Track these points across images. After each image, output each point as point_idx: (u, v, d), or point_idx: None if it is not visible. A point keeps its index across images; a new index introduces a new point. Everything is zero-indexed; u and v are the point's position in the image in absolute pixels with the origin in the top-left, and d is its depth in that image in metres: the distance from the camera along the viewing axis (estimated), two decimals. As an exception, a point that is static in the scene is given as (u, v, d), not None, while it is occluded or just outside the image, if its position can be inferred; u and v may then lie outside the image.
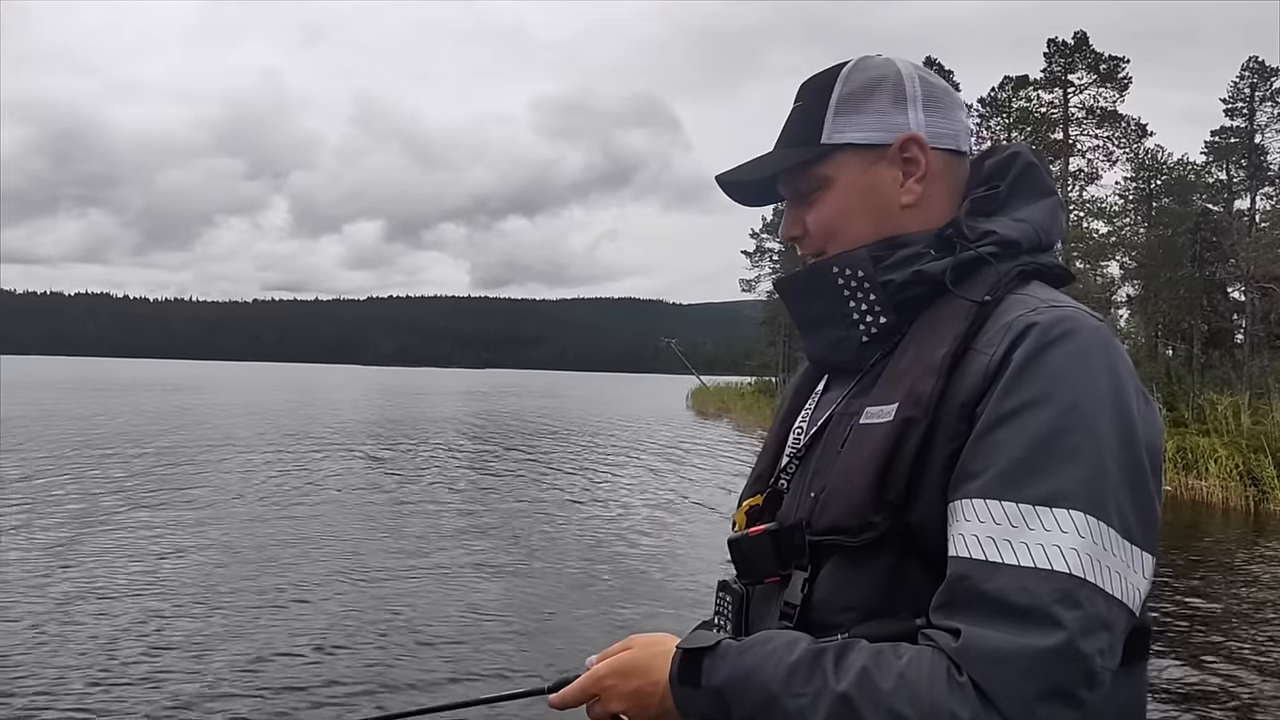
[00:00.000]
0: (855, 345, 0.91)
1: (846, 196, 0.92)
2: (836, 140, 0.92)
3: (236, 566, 7.39)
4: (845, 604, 0.82)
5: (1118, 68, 24.45)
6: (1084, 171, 25.14)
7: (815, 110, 0.94)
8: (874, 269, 0.89)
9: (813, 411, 0.99)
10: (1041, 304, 0.81)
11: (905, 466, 0.79)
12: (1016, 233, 0.88)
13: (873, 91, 0.93)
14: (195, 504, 10.45)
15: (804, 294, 0.96)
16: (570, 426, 27.19)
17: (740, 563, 0.92)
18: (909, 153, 0.91)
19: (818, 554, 0.85)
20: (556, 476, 14.65)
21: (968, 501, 0.75)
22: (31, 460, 14.02)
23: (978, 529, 0.74)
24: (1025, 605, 0.70)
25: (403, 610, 6.24)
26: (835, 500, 0.84)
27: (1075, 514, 0.72)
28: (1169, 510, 13.10)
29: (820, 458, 0.91)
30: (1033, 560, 0.71)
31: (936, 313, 0.86)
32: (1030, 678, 0.69)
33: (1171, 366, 23.10)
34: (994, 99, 26.48)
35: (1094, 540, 0.72)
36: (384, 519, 9.94)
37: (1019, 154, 0.94)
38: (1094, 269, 25.79)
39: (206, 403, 34.03)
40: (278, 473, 13.62)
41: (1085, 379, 0.75)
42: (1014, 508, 0.73)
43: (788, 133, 0.97)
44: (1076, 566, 0.71)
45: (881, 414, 0.83)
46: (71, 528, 8.74)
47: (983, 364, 0.78)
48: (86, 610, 5.97)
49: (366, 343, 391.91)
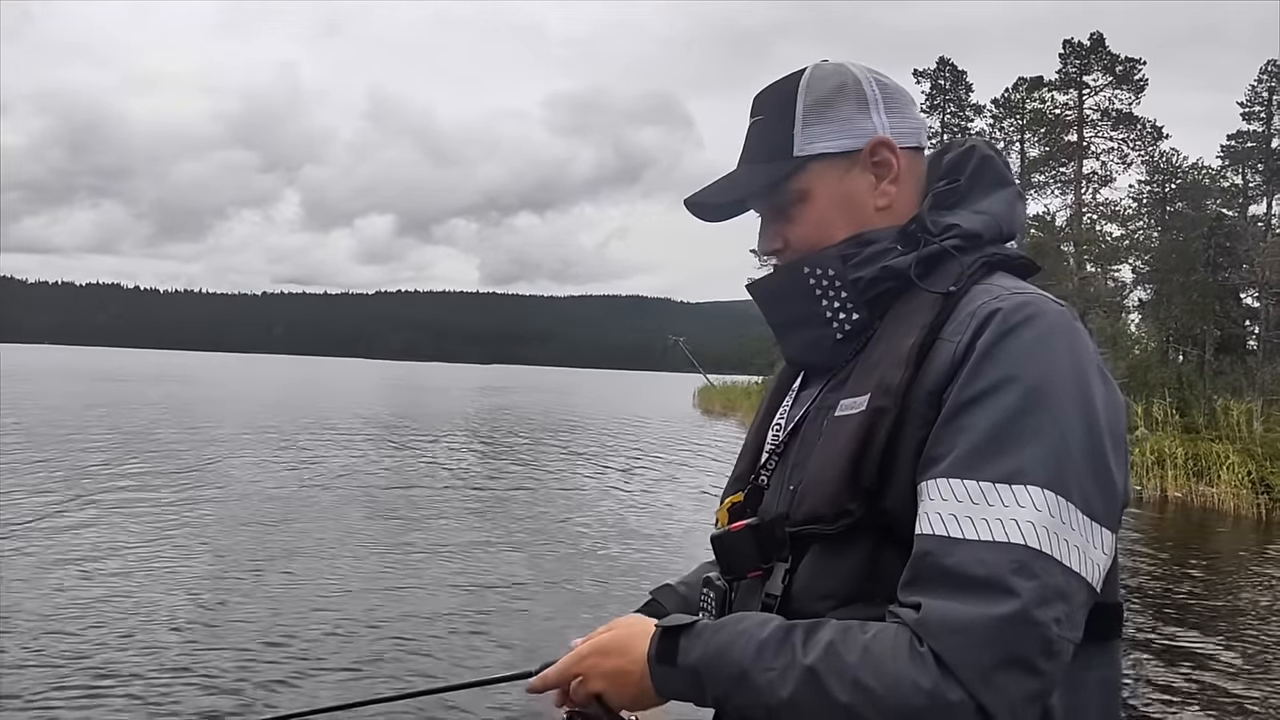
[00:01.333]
0: (830, 344, 0.93)
1: (825, 207, 0.93)
2: (809, 151, 0.93)
3: (237, 555, 7.36)
4: (823, 592, 0.83)
5: (1134, 69, 24.23)
6: (1098, 174, 24.96)
7: (780, 123, 0.94)
8: (844, 267, 0.91)
9: (790, 409, 1.01)
10: (1004, 291, 0.83)
11: (877, 454, 0.80)
12: (978, 225, 0.90)
13: (836, 98, 0.94)
14: (202, 496, 10.44)
15: (777, 297, 0.98)
16: (577, 423, 27.17)
17: (723, 559, 0.94)
18: (879, 156, 0.93)
19: (797, 545, 0.87)
20: (561, 473, 14.61)
21: (933, 482, 0.77)
22: (38, 448, 14.06)
23: (941, 507, 0.75)
24: (982, 576, 0.72)
25: (401, 598, 6.22)
26: (812, 491, 0.85)
27: (1034, 489, 0.74)
28: (1180, 516, 12.98)
29: (799, 452, 0.93)
30: (991, 534, 0.73)
31: (905, 306, 0.88)
32: (987, 646, 0.70)
33: (1183, 372, 22.88)
34: (1007, 100, 26.31)
35: (1052, 514, 0.73)
36: (389, 513, 9.92)
37: (975, 147, 0.96)
38: (1105, 272, 25.60)
39: (212, 395, 34.13)
40: (284, 466, 13.63)
41: (1047, 361, 0.77)
42: (975, 485, 0.75)
43: (753, 148, 0.97)
44: (1034, 539, 0.72)
45: (854, 405, 0.85)
46: (81, 514, 8.76)
47: (949, 351, 0.80)
48: (96, 594, 5.97)
49: (375, 337, 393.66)
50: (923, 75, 27.66)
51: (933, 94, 27.43)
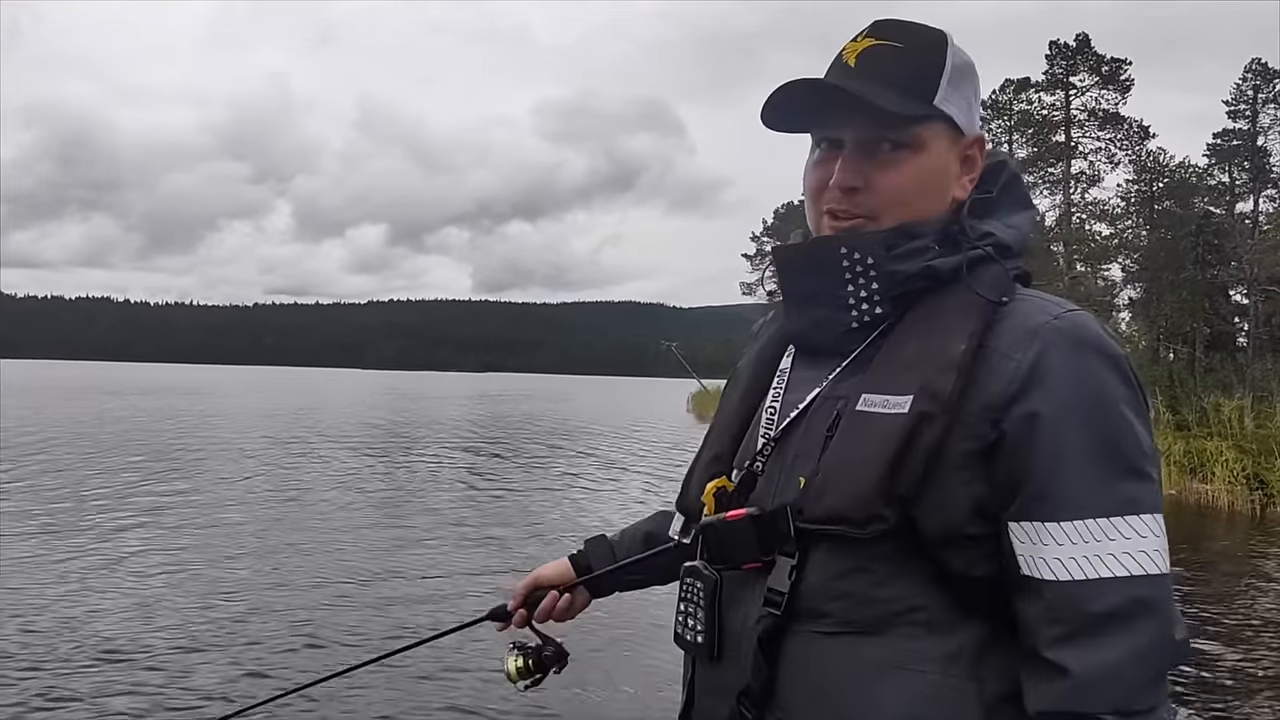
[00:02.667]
0: (841, 329, 0.88)
1: (929, 169, 0.88)
2: (944, 109, 0.88)
3: (230, 562, 7.26)
4: (838, 593, 0.81)
5: (1120, 70, 24.38)
6: (1086, 174, 25.08)
7: (928, 62, 0.88)
8: (885, 255, 0.86)
9: (785, 392, 0.94)
10: (1056, 308, 0.82)
11: (919, 462, 0.77)
12: (1009, 237, 0.90)
13: (969, 76, 0.91)
14: (199, 506, 10.33)
15: (801, 267, 0.92)
16: (571, 430, 27.09)
17: (715, 548, 0.89)
18: (972, 151, 0.91)
19: (806, 541, 0.83)
20: (556, 479, 14.53)
21: (1050, 525, 0.77)
22: (33, 463, 13.89)
23: (1071, 550, 0.76)
24: (1131, 611, 0.75)
25: (385, 606, 6.12)
26: (836, 489, 0.81)
27: (1147, 517, 0.77)
28: (1174, 513, 12.97)
29: (803, 440, 0.88)
30: (1127, 570, 0.76)
31: (939, 305, 0.85)
32: (1143, 672, 0.75)
33: (1174, 369, 22.97)
34: (995, 101, 26.42)
35: (1161, 534, 0.78)
36: (382, 521, 9.81)
37: (1006, 164, 0.95)
38: (1095, 271, 25.71)
39: (215, 408, 33.94)
40: (281, 476, 13.51)
41: (1120, 386, 0.79)
42: (1095, 523, 0.76)
43: (887, 71, 0.87)
44: (1164, 563, 0.77)
45: (888, 404, 0.81)
46: (77, 529, 8.64)
47: (1009, 368, 0.79)
48: (92, 603, 5.86)
49: (366, 346, 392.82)
50: (910, 77, 27.79)
51: (920, 96, 27.55)
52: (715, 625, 0.89)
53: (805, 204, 0.94)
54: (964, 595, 0.80)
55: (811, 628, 0.83)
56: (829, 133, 0.90)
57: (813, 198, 0.92)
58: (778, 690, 0.84)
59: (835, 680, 0.81)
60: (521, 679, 1.17)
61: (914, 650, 0.79)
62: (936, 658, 0.79)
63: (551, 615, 1.19)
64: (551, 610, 1.18)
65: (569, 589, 1.19)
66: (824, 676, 0.82)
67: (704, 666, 0.93)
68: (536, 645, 1.19)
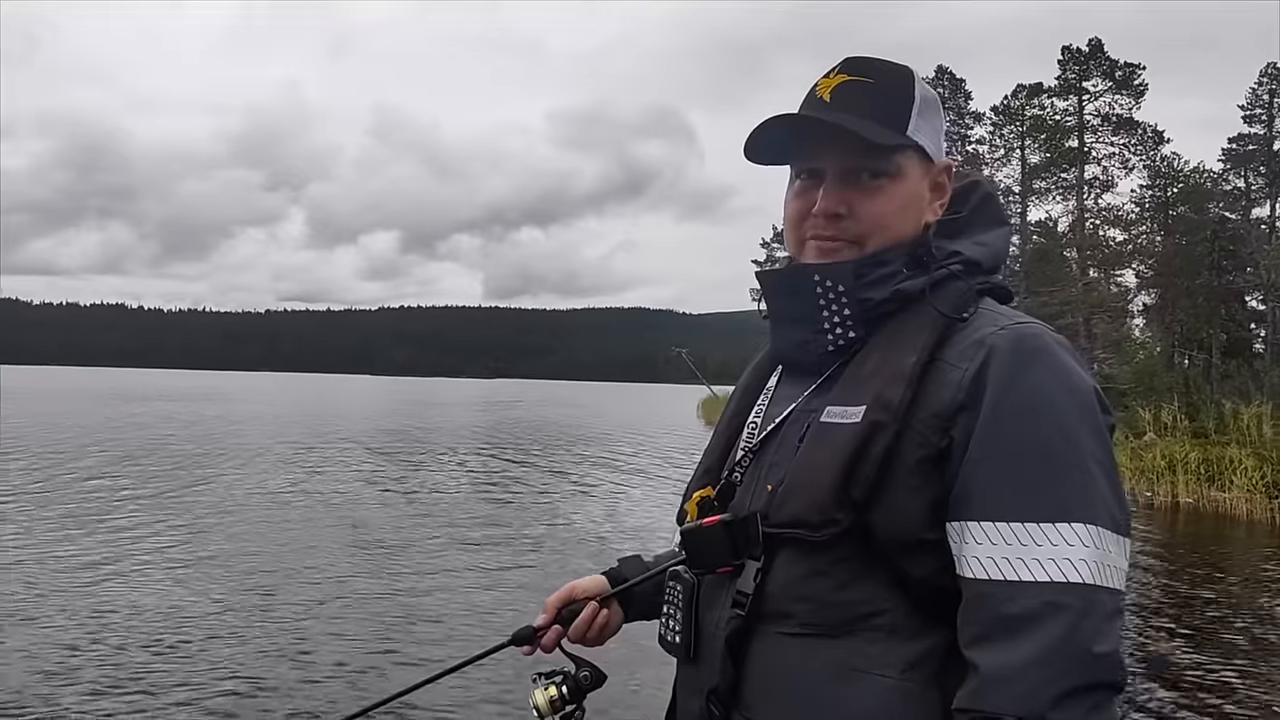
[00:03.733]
0: (820, 350, 0.93)
1: (906, 196, 0.92)
2: (916, 139, 0.93)
3: (246, 569, 7.28)
4: (800, 595, 0.84)
5: (1134, 74, 24.22)
6: (1099, 179, 24.90)
7: (899, 96, 0.93)
8: (855, 285, 0.90)
9: (767, 407, 0.99)
10: (1006, 320, 0.85)
11: (872, 468, 0.81)
12: (979, 255, 0.94)
13: (934, 107, 0.96)
14: (215, 511, 10.37)
15: (781, 291, 0.98)
16: (581, 436, 27.08)
17: (693, 553, 0.93)
18: (941, 179, 0.96)
19: (772, 545, 0.87)
20: (566, 485, 14.52)
21: (974, 524, 0.78)
22: (47, 469, 14.00)
23: (991, 550, 0.77)
24: (1047, 616, 0.74)
25: (406, 617, 6.12)
26: (797, 494, 0.85)
27: (1077, 526, 0.76)
28: (1192, 522, 12.83)
29: (777, 452, 0.92)
30: (1049, 575, 0.75)
31: (902, 322, 0.89)
32: (1058, 680, 0.73)
33: (1190, 376, 22.75)
34: (1007, 107, 26.29)
35: (1097, 546, 0.76)
36: (396, 528, 9.82)
37: (979, 184, 1.00)
38: (1108, 278, 25.51)
39: (229, 413, 34.12)
40: (296, 482, 13.56)
41: (1060, 392, 0.79)
42: (1021, 527, 0.76)
43: (864, 105, 0.92)
44: (1088, 574, 0.75)
45: (845, 414, 0.85)
46: (93, 534, 8.70)
47: (955, 378, 0.81)
48: (114, 604, 5.90)
49: (377, 353, 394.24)
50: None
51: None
52: (692, 627, 0.93)
53: (785, 233, 0.99)
54: (928, 602, 0.81)
55: (776, 629, 0.86)
56: (810, 163, 0.95)
57: (793, 225, 0.96)
58: (743, 689, 0.87)
59: (796, 681, 0.83)
60: (555, 712, 1.02)
61: (874, 654, 0.81)
62: (896, 662, 0.80)
63: (588, 633, 1.09)
64: (590, 625, 1.08)
65: (604, 600, 1.10)
66: (786, 677, 0.84)
67: (683, 667, 0.97)
68: (568, 671, 1.04)
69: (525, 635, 1.08)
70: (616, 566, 1.15)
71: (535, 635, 1.08)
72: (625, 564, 1.16)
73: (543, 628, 1.08)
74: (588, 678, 1.04)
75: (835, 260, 0.92)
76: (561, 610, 1.09)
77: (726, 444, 1.03)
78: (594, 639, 1.10)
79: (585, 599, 1.09)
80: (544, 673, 1.05)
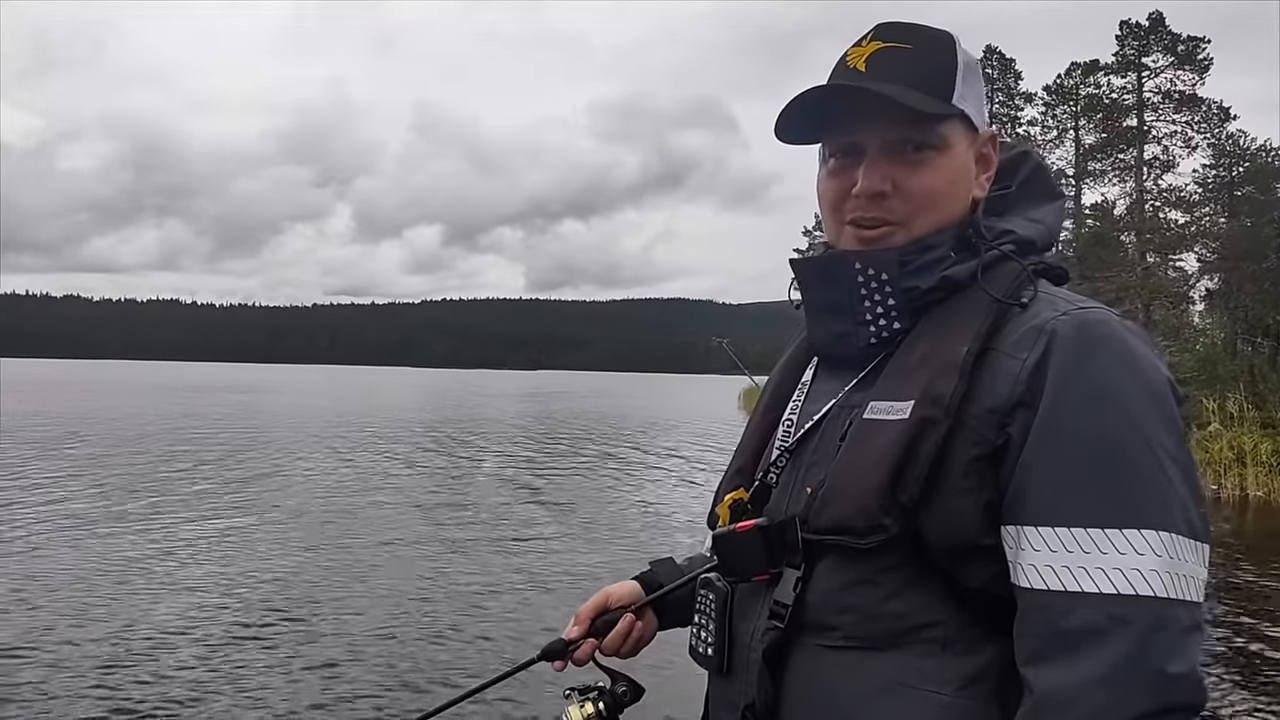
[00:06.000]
0: (862, 343, 0.87)
1: (954, 169, 0.85)
2: (961, 108, 0.86)
3: (298, 556, 7.37)
4: (844, 606, 0.79)
5: (1197, 49, 23.17)
6: (1159, 159, 23.91)
7: (942, 62, 0.86)
8: (899, 273, 0.83)
9: (804, 403, 0.93)
10: (1068, 304, 0.78)
11: (922, 468, 0.75)
12: (1032, 233, 0.87)
13: (975, 74, 0.89)
14: (269, 501, 10.58)
15: (818, 280, 0.90)
16: (624, 427, 27.17)
17: (726, 560, 0.87)
18: (987, 149, 0.89)
19: (812, 552, 0.81)
20: (609, 476, 14.52)
21: (1032, 529, 0.72)
22: (112, 458, 14.44)
23: (1050, 559, 0.71)
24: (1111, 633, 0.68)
25: (445, 608, 6.11)
26: (839, 498, 0.79)
27: (1148, 533, 0.70)
28: (1263, 516, 12.26)
29: (816, 451, 0.86)
30: (1114, 587, 0.68)
31: (950, 308, 0.83)
32: (1133, 701, 0.68)
33: (1255, 364, 21.81)
34: (1060, 86, 25.41)
35: (1171, 556, 0.70)
36: (443, 519, 9.88)
37: (1028, 154, 0.93)
38: (1166, 262, 24.56)
39: (288, 404, 34.95)
40: (346, 471, 13.79)
41: (1131, 384, 0.73)
42: (1084, 533, 0.70)
43: (903, 72, 0.84)
44: (1159, 586, 0.68)
45: (892, 410, 0.79)
46: (150, 519, 8.95)
47: (1013, 369, 0.75)
48: (161, 595, 6.03)
49: (419, 345, 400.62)
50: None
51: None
52: (725, 638, 0.88)
53: (823, 217, 0.92)
54: (986, 613, 0.76)
55: (817, 641, 0.80)
56: (848, 138, 0.87)
57: (832, 209, 0.89)
58: (782, 706, 0.82)
59: (840, 697, 0.78)
60: None
61: (926, 669, 0.75)
62: (952, 679, 0.75)
63: (624, 645, 1.02)
64: (626, 636, 1.02)
65: (639, 609, 1.03)
66: (828, 693, 0.79)
67: (715, 680, 0.92)
68: (604, 685, 0.99)
69: (557, 649, 1.02)
70: (649, 570, 1.09)
71: (568, 649, 1.02)
72: (658, 566, 1.09)
73: (575, 640, 1.02)
74: (626, 693, 0.99)
75: (883, 245, 0.85)
76: (595, 620, 1.03)
77: (760, 442, 0.97)
78: (629, 652, 1.04)
79: (620, 608, 1.03)
80: (578, 688, 1.00)
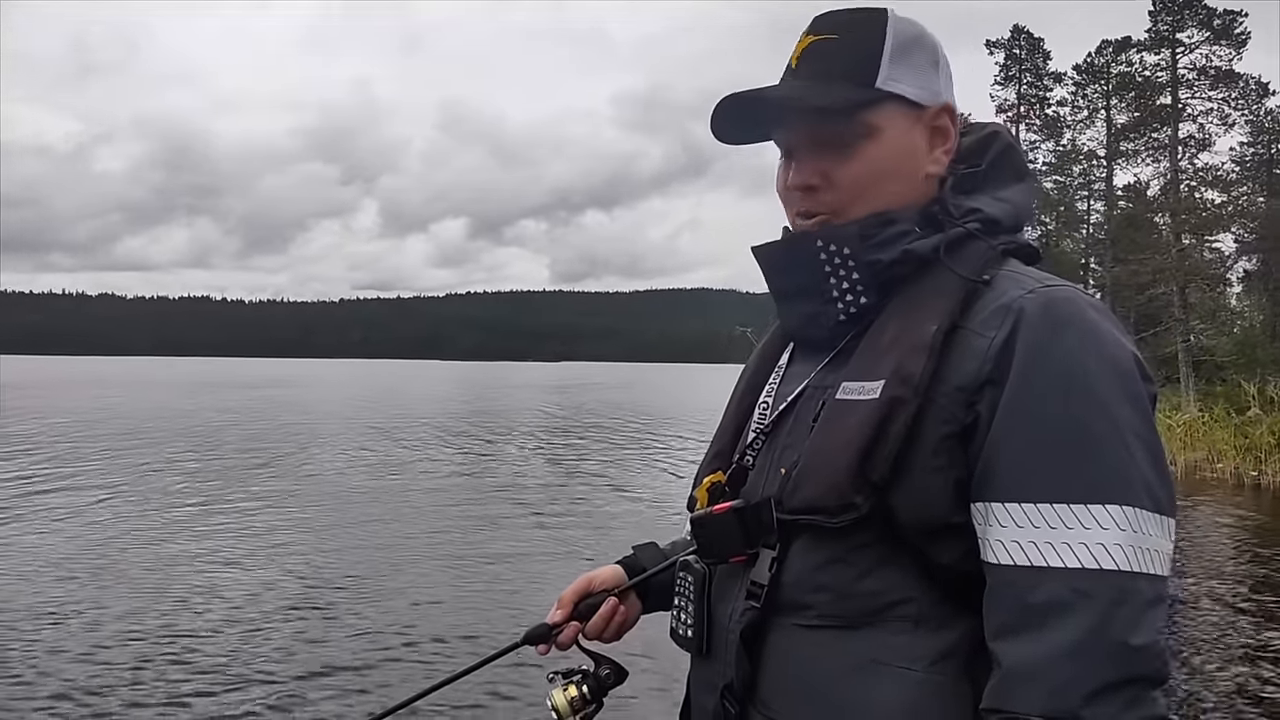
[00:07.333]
0: (831, 322, 0.87)
1: (888, 153, 0.86)
2: (890, 89, 0.86)
3: (321, 555, 7.48)
4: (818, 585, 0.80)
5: (1234, 22, 22.50)
6: (1195, 138, 23.28)
7: (864, 47, 0.86)
8: (860, 247, 0.85)
9: (779, 385, 0.95)
10: (1035, 282, 0.79)
11: (892, 447, 0.76)
12: (999, 211, 0.87)
13: (917, 47, 0.88)
14: (302, 492, 10.74)
15: (781, 266, 0.91)
16: (647, 418, 27.24)
17: (703, 542, 0.89)
18: (940, 121, 0.88)
19: (787, 532, 0.83)
20: (633, 466, 14.53)
21: (999, 505, 0.73)
22: (143, 452, 14.74)
23: (1016, 534, 0.72)
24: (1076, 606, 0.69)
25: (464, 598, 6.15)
26: (812, 478, 0.80)
27: (1112, 508, 0.71)
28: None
29: (790, 433, 0.87)
30: (1079, 560, 0.70)
31: (919, 287, 0.83)
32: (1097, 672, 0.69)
33: (1296, 347, 21.22)
34: (1090, 65, 24.84)
35: (1134, 529, 0.71)
36: (469, 507, 9.96)
37: (998, 134, 0.93)
38: (1202, 243, 23.95)
39: (322, 399, 35.44)
40: (376, 464, 13.94)
41: (1096, 362, 0.74)
42: (1050, 508, 0.71)
43: (821, 65, 0.87)
44: (1122, 560, 0.70)
45: (863, 390, 0.80)
46: (188, 509, 9.12)
47: (980, 346, 0.76)
48: (191, 584, 6.16)
49: (445, 338, 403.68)
50: (996, 45, 26.32)
51: (1007, 64, 26.06)
52: (704, 619, 0.89)
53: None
54: (956, 589, 0.77)
55: (793, 621, 0.82)
56: (776, 140, 0.91)
57: (783, 202, 0.92)
58: (760, 685, 0.83)
59: (816, 675, 0.80)
60: (575, 713, 0.98)
61: (899, 646, 0.76)
62: (924, 655, 0.76)
63: (607, 628, 1.04)
64: (610, 620, 1.03)
65: (622, 593, 1.05)
66: (805, 671, 0.81)
67: (696, 661, 0.93)
68: (588, 668, 1.01)
69: (540, 633, 1.03)
70: (632, 555, 1.11)
71: (551, 633, 1.03)
72: (641, 551, 1.11)
73: (558, 624, 1.03)
74: (609, 675, 1.01)
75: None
76: (578, 604, 1.04)
77: (737, 426, 0.98)
78: (612, 636, 1.05)
79: (602, 592, 1.05)
80: (562, 672, 1.02)
